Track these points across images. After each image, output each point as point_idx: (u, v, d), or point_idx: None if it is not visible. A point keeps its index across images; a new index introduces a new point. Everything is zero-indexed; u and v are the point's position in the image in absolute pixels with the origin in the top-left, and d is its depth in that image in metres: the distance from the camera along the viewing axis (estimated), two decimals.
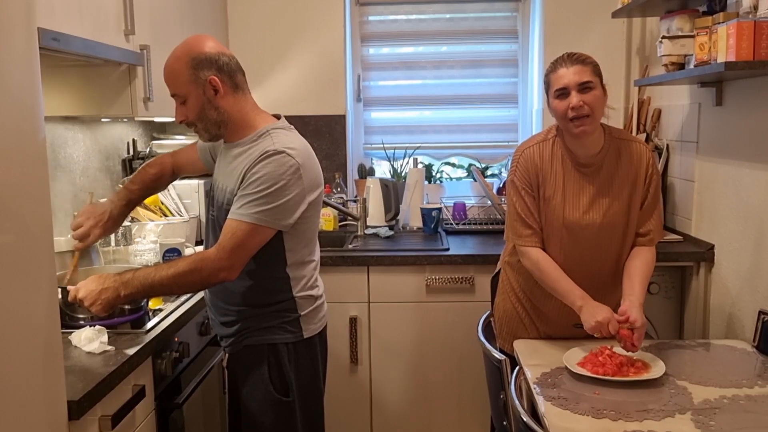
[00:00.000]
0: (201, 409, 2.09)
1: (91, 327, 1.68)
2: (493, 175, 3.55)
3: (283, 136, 1.73)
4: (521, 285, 2.10)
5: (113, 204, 1.94)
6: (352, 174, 3.50)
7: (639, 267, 1.93)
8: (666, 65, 2.47)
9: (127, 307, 1.83)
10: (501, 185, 3.28)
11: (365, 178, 3.34)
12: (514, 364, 1.88)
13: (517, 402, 1.61)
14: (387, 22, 3.51)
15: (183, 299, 2.05)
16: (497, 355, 1.90)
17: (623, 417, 1.51)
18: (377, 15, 3.50)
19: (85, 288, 1.66)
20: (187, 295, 2.06)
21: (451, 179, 3.62)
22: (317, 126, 3.37)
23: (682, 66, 2.42)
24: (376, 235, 3.04)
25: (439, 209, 3.11)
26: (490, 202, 3.19)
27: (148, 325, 1.80)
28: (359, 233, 3.09)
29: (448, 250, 2.74)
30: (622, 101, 3.24)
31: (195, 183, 2.82)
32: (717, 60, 2.02)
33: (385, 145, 3.50)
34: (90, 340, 1.62)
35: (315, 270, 1.86)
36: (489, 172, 3.55)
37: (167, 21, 2.54)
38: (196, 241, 2.74)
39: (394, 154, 3.48)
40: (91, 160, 2.62)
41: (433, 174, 3.54)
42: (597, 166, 1.95)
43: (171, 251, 2.23)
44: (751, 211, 2.22)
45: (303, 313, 1.80)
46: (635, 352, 1.77)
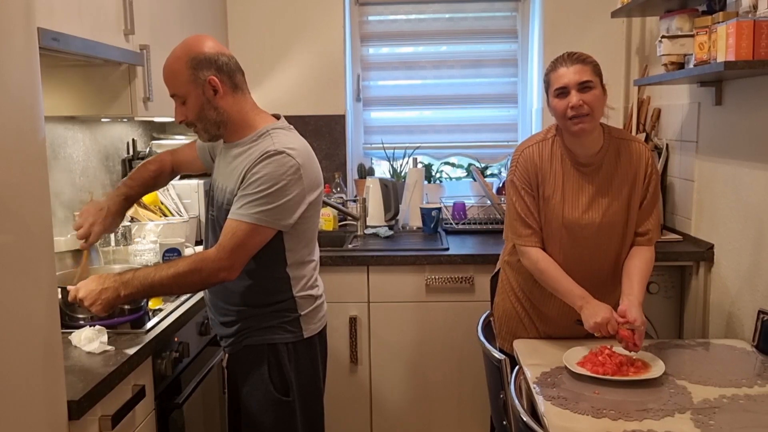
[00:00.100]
0: (201, 409, 2.09)
1: (91, 327, 1.68)
2: (492, 174, 3.55)
3: (283, 136, 1.73)
4: (521, 285, 2.10)
5: (111, 200, 1.93)
6: (352, 174, 3.50)
7: (638, 266, 1.93)
8: (665, 65, 2.47)
9: (126, 307, 1.83)
10: (501, 185, 3.28)
11: (365, 178, 3.34)
12: (514, 363, 1.88)
13: (516, 401, 1.61)
14: (387, 22, 3.51)
15: (183, 299, 2.05)
16: (497, 354, 1.90)
17: (623, 416, 1.51)
18: (377, 15, 3.50)
19: (85, 288, 1.66)
20: (187, 295, 2.07)
21: (450, 179, 3.62)
22: (317, 126, 3.37)
23: (681, 65, 2.42)
24: (375, 235, 3.04)
25: (439, 209, 3.11)
26: (489, 202, 3.19)
27: (148, 325, 1.80)
28: (359, 233, 3.09)
29: (448, 249, 2.74)
30: (621, 101, 3.24)
31: (194, 183, 2.83)
32: (716, 59, 2.03)
33: (384, 145, 3.50)
34: (90, 340, 1.62)
35: (315, 270, 1.86)
36: (488, 172, 3.54)
37: (167, 21, 2.54)
38: (196, 241, 2.74)
39: (394, 153, 3.48)
40: (91, 159, 2.62)
41: (433, 174, 3.55)
42: (596, 165, 1.95)
43: (171, 251, 2.24)
44: (751, 211, 2.22)
45: (303, 313, 1.80)
46: (637, 351, 1.78)
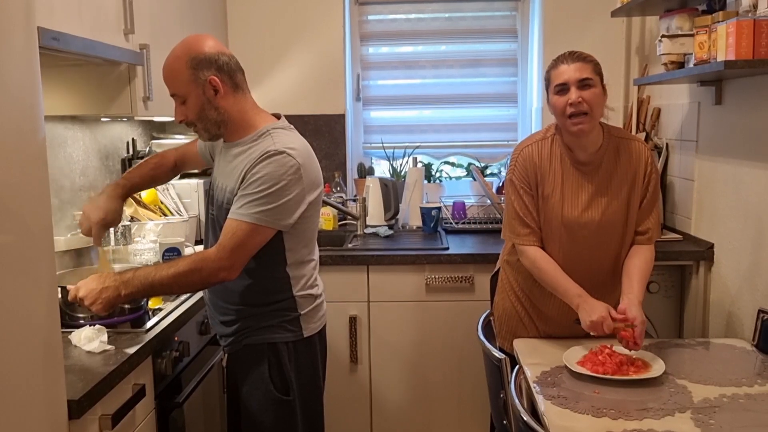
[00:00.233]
0: (201, 409, 2.09)
1: (91, 326, 1.68)
2: (492, 174, 3.55)
3: (284, 136, 1.73)
4: (520, 284, 2.10)
5: (106, 192, 1.92)
6: (352, 173, 3.50)
7: (638, 265, 1.93)
8: (665, 64, 2.47)
9: (127, 306, 1.84)
10: (500, 184, 3.28)
11: (365, 178, 3.34)
12: (514, 363, 1.88)
13: (517, 401, 1.61)
14: (386, 22, 3.51)
15: (183, 299, 2.05)
16: (497, 354, 1.90)
17: (623, 416, 1.51)
18: (376, 14, 3.50)
19: (85, 287, 1.66)
20: (187, 294, 2.07)
21: (450, 178, 3.62)
22: (317, 125, 3.37)
23: (681, 65, 2.42)
24: (375, 235, 3.04)
25: (439, 208, 3.11)
26: (489, 202, 3.19)
27: (148, 324, 1.80)
28: (359, 232, 3.08)
29: (448, 249, 2.74)
30: (621, 100, 3.24)
31: (194, 182, 2.83)
32: (716, 59, 2.02)
33: (384, 145, 3.50)
34: (90, 339, 1.62)
35: (315, 269, 1.86)
36: (488, 172, 3.55)
37: (167, 20, 2.54)
38: (196, 241, 2.74)
39: (394, 153, 3.48)
40: (91, 159, 2.62)
41: (433, 173, 3.55)
42: (596, 164, 1.95)
43: (170, 251, 2.24)
44: (751, 210, 2.22)
45: (303, 312, 1.80)
46: (637, 350, 1.78)
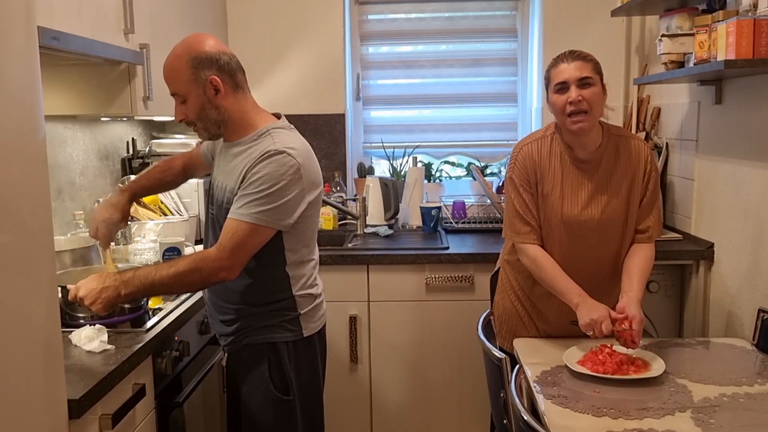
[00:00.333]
0: (201, 408, 2.09)
1: (91, 326, 1.68)
2: (492, 173, 3.55)
3: (284, 135, 1.73)
4: (520, 283, 2.10)
5: (114, 194, 1.97)
6: (352, 173, 3.50)
7: (637, 264, 1.94)
8: (665, 63, 2.47)
9: (127, 306, 1.84)
10: (500, 184, 3.28)
11: (365, 177, 3.34)
12: (514, 362, 1.87)
13: (517, 400, 1.60)
14: (386, 21, 3.51)
15: (183, 298, 2.05)
16: (497, 353, 1.90)
17: (623, 415, 1.51)
18: (377, 14, 3.50)
19: (85, 287, 1.65)
20: (187, 294, 2.07)
21: (450, 178, 3.62)
22: (317, 125, 3.37)
23: (681, 64, 2.42)
24: (375, 234, 3.04)
25: (439, 208, 3.11)
26: (489, 201, 3.19)
27: (148, 324, 1.80)
28: (359, 232, 3.08)
29: (448, 248, 2.74)
30: (621, 100, 3.24)
31: (194, 182, 2.82)
32: (717, 58, 2.02)
33: (384, 144, 3.50)
34: (90, 339, 1.62)
35: (314, 269, 1.86)
36: (488, 171, 3.55)
37: (167, 20, 2.54)
38: (196, 240, 2.74)
39: (394, 152, 3.48)
40: (91, 159, 2.62)
41: (433, 173, 3.54)
42: (595, 162, 1.95)
43: (171, 250, 2.24)
44: (751, 210, 2.22)
45: (302, 312, 1.80)
46: (635, 348, 1.78)
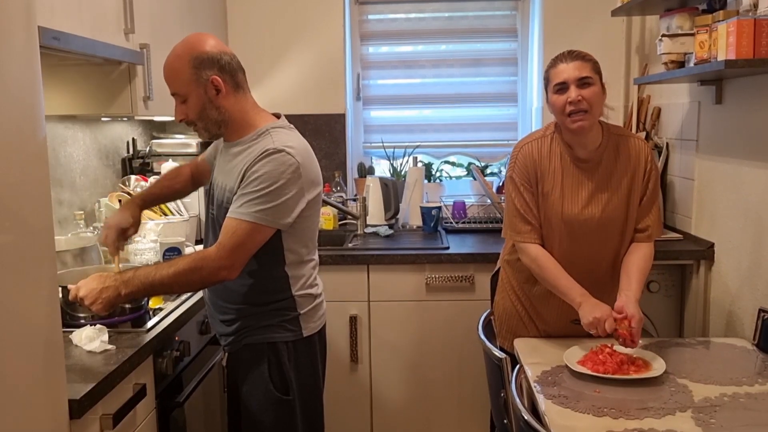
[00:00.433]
0: (202, 408, 2.09)
1: (91, 326, 1.68)
2: (492, 173, 3.55)
3: (283, 134, 1.73)
4: (520, 283, 2.10)
5: (124, 203, 1.98)
6: (352, 173, 3.50)
7: (636, 263, 1.94)
8: (666, 63, 2.47)
9: (127, 306, 1.84)
10: (500, 184, 3.28)
11: (365, 177, 3.34)
12: (515, 362, 1.87)
13: (518, 400, 1.60)
14: (386, 21, 3.51)
15: (183, 298, 2.05)
16: (498, 353, 1.90)
17: (624, 415, 1.51)
18: (377, 14, 3.50)
19: (85, 287, 1.65)
20: (187, 294, 2.07)
21: (450, 178, 3.62)
22: (317, 125, 3.37)
23: (681, 64, 2.42)
24: (375, 234, 3.04)
25: (439, 208, 3.10)
26: (489, 201, 3.19)
27: (149, 324, 1.80)
28: (359, 232, 3.08)
29: (448, 248, 2.74)
30: (621, 99, 3.24)
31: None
32: (717, 58, 2.02)
33: (384, 144, 3.49)
34: (91, 339, 1.62)
35: (314, 269, 1.86)
36: (488, 171, 3.55)
37: (167, 20, 2.54)
38: (196, 240, 2.74)
39: (394, 152, 3.48)
40: (91, 159, 2.62)
41: (433, 173, 3.54)
42: (595, 161, 1.95)
43: (171, 250, 2.24)
44: (751, 209, 2.22)
45: (302, 312, 1.80)
46: (634, 347, 1.78)
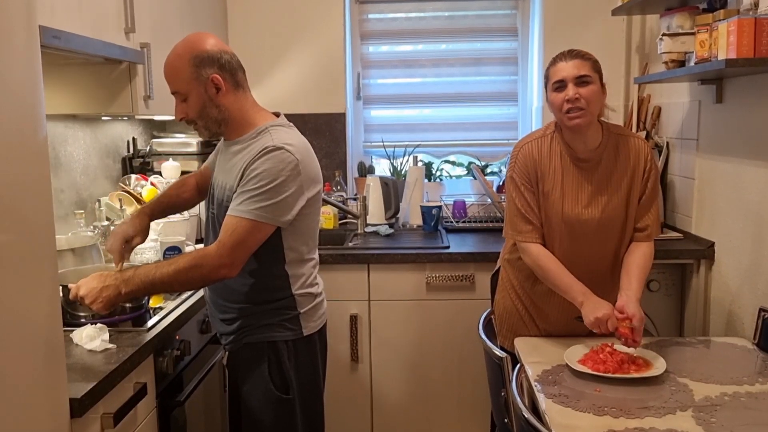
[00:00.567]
0: (202, 407, 2.09)
1: (92, 325, 1.68)
2: (492, 172, 3.55)
3: (283, 132, 1.73)
4: (521, 282, 2.10)
5: (134, 214, 1.96)
6: (352, 172, 3.50)
7: (636, 262, 1.94)
8: (666, 62, 2.47)
9: (128, 305, 1.84)
10: (501, 183, 3.28)
11: (365, 176, 3.34)
12: (515, 361, 1.88)
13: (518, 399, 1.60)
14: (387, 20, 3.51)
15: (183, 297, 2.05)
16: (498, 352, 1.90)
17: (624, 414, 1.51)
18: (377, 13, 3.49)
19: (86, 286, 1.65)
20: (188, 293, 2.07)
21: (451, 177, 3.62)
22: (317, 124, 3.37)
23: (682, 63, 2.42)
24: (376, 233, 3.04)
25: (439, 207, 3.11)
26: (490, 200, 3.19)
27: (150, 323, 1.80)
28: (359, 231, 3.08)
29: (449, 248, 2.74)
30: (621, 99, 3.24)
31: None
32: (717, 57, 2.02)
33: (384, 143, 3.49)
34: (91, 338, 1.62)
35: (314, 268, 1.86)
36: (489, 170, 3.55)
37: (167, 19, 2.54)
38: (197, 239, 2.74)
39: (394, 152, 3.48)
40: (92, 158, 2.62)
41: (433, 172, 3.54)
42: (595, 161, 1.95)
43: (171, 249, 2.24)
44: (752, 209, 2.22)
45: (302, 311, 1.80)
46: (636, 347, 1.78)
